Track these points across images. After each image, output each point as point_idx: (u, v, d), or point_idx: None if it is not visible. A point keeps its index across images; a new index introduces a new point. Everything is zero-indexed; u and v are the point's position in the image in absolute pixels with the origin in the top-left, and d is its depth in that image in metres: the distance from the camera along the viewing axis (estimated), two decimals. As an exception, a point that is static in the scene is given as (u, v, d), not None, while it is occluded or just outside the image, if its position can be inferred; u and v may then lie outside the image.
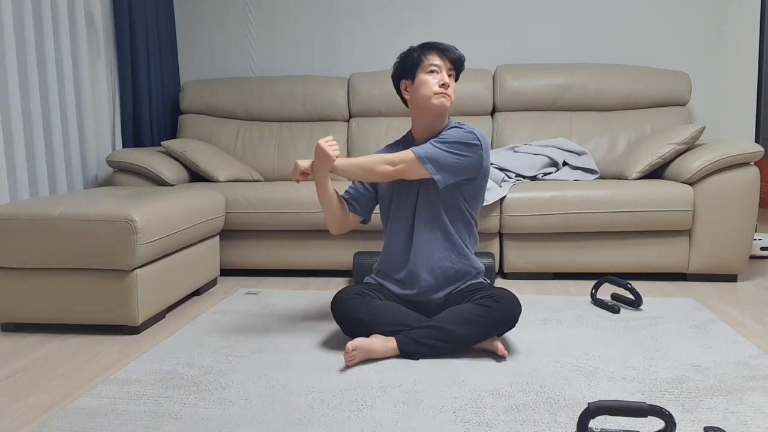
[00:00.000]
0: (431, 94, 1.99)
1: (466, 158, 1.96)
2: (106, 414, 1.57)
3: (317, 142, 1.95)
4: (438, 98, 1.99)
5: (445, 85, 1.99)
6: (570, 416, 1.52)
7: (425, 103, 2.00)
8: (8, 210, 2.20)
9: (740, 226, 2.79)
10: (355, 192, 2.20)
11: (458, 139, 1.96)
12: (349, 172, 1.99)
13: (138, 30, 3.46)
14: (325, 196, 2.07)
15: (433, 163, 1.94)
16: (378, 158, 1.99)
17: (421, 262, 2.05)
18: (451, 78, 2.03)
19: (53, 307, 2.22)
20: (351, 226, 2.22)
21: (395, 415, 1.54)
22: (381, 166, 1.97)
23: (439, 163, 1.95)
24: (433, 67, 2.00)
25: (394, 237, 2.11)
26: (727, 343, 2.02)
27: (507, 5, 3.78)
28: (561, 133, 3.45)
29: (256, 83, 3.76)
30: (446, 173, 1.95)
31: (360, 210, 2.19)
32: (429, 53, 2.02)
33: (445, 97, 1.99)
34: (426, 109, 2.02)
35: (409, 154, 1.96)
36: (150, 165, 3.09)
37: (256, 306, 2.54)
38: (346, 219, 2.17)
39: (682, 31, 3.68)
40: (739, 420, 1.49)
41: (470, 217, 2.08)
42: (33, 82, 2.78)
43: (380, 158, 1.99)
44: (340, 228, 2.18)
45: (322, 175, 2.00)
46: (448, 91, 2.00)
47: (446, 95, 1.99)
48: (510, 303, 1.92)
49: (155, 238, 2.24)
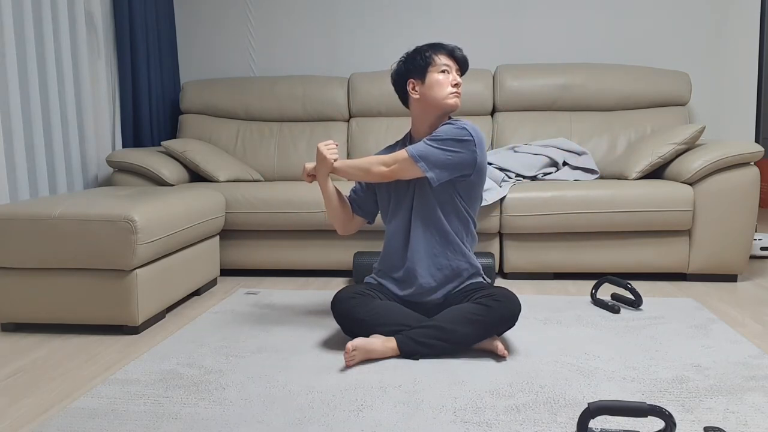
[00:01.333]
0: (446, 94, 2.01)
1: (458, 154, 1.96)
2: (106, 414, 1.57)
3: (317, 145, 2.04)
4: (452, 98, 2.02)
5: (458, 84, 2.03)
6: (570, 416, 1.52)
7: (438, 103, 2.02)
8: (8, 210, 2.20)
9: (740, 226, 2.79)
10: (356, 194, 2.24)
11: (450, 135, 1.97)
12: (348, 173, 2.06)
13: (138, 30, 3.46)
14: (327, 197, 2.14)
15: (425, 161, 1.95)
16: (374, 159, 2.04)
17: (418, 259, 2.05)
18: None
19: (53, 307, 2.22)
20: (357, 227, 2.27)
21: (395, 415, 1.54)
22: (376, 167, 2.02)
23: (431, 161, 1.95)
24: (444, 67, 2.02)
25: (392, 236, 2.12)
26: (727, 343, 2.02)
27: (507, 5, 3.78)
28: (561, 133, 3.45)
29: (256, 83, 3.76)
30: (439, 170, 1.96)
31: (362, 211, 2.23)
32: (439, 53, 2.04)
33: (459, 97, 2.04)
34: (438, 108, 2.04)
35: (402, 154, 1.99)
36: (150, 165, 3.09)
37: (256, 306, 2.54)
38: (350, 220, 2.23)
39: (682, 31, 3.68)
40: (739, 420, 1.49)
41: (467, 214, 2.08)
42: (33, 82, 2.78)
43: (376, 159, 2.04)
44: (344, 228, 2.24)
45: (322, 177, 2.08)
46: (460, 90, 2.04)
47: (459, 95, 2.04)
48: (510, 302, 1.93)
49: (155, 238, 2.24)
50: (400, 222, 2.09)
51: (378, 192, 2.18)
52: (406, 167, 1.98)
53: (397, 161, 1.99)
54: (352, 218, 2.23)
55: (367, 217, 2.25)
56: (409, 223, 2.07)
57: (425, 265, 2.05)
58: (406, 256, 2.07)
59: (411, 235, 2.06)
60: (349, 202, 2.23)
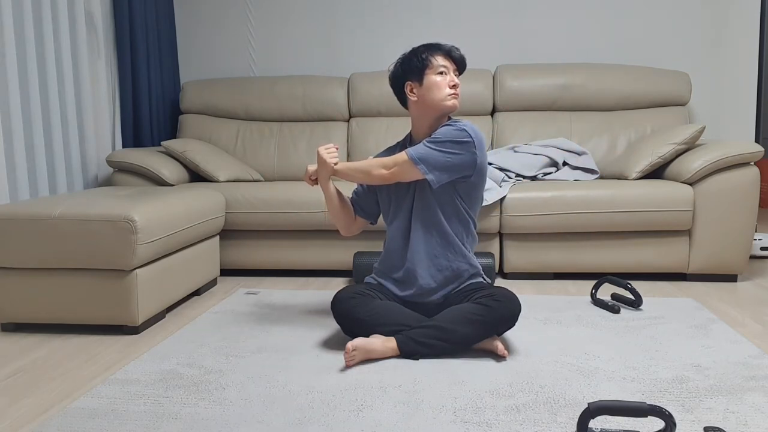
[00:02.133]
0: (444, 96, 2.00)
1: (458, 156, 1.95)
2: (106, 414, 1.57)
3: (317, 149, 2.05)
4: (451, 99, 2.01)
5: (456, 86, 2.01)
6: (570, 416, 1.52)
7: (437, 105, 2.01)
8: (8, 210, 2.20)
9: (740, 226, 2.79)
10: (357, 195, 2.25)
11: (449, 137, 1.96)
12: (349, 175, 2.07)
13: (138, 30, 3.47)
14: (328, 199, 2.14)
15: (425, 163, 1.95)
16: (374, 162, 2.04)
17: (418, 260, 2.05)
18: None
19: (53, 307, 2.22)
20: (360, 228, 2.28)
21: (395, 415, 1.54)
22: (377, 170, 2.02)
23: (431, 163, 1.95)
24: (441, 68, 2.01)
25: (393, 237, 2.12)
26: (727, 343, 2.02)
27: (507, 5, 3.78)
28: (561, 133, 3.45)
29: (256, 83, 3.76)
30: (439, 172, 1.96)
31: (364, 212, 2.24)
32: (436, 54, 2.02)
33: (457, 98, 2.02)
34: (436, 109, 2.02)
35: (403, 156, 1.98)
36: (150, 165, 3.09)
37: (256, 306, 2.54)
38: (352, 221, 2.24)
39: (682, 31, 3.68)
40: (739, 420, 1.49)
41: (467, 215, 2.07)
42: (33, 82, 2.78)
43: (376, 162, 2.03)
44: (347, 230, 2.24)
45: (324, 180, 2.09)
46: (458, 91, 2.02)
47: (457, 96, 2.02)
48: (510, 302, 1.92)
49: (155, 238, 2.24)
50: (401, 223, 2.09)
51: (379, 193, 2.18)
52: (406, 170, 1.98)
53: (397, 164, 1.98)
54: (355, 219, 2.24)
55: (369, 218, 2.25)
56: (410, 224, 2.07)
57: (425, 266, 2.05)
58: (406, 257, 2.07)
59: (411, 236, 2.06)
60: (351, 204, 2.23)
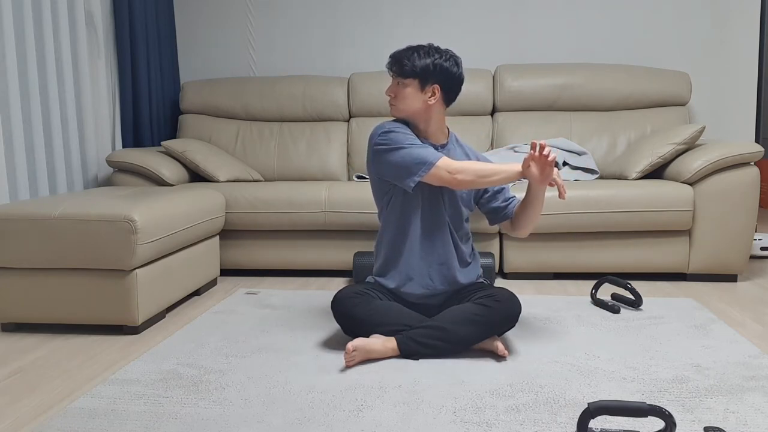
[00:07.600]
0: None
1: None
2: (106, 414, 1.57)
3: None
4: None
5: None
6: (570, 416, 1.52)
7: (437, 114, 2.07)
8: (8, 210, 2.20)
9: (740, 226, 2.79)
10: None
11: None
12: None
13: (138, 30, 3.46)
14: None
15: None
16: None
17: (419, 261, 2.05)
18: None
19: (53, 307, 2.22)
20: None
21: (395, 415, 1.54)
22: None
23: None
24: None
25: (393, 237, 2.10)
26: (727, 343, 2.02)
27: (507, 5, 3.78)
28: (561, 133, 3.45)
29: (256, 83, 3.76)
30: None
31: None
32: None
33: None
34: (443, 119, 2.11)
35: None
36: (150, 165, 3.09)
37: (256, 306, 2.54)
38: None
39: (682, 31, 3.68)
40: (739, 420, 1.49)
41: (467, 218, 2.12)
42: (33, 82, 2.78)
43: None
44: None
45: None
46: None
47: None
48: (510, 302, 1.93)
49: (155, 238, 2.24)
50: (404, 223, 2.07)
51: (381, 191, 2.12)
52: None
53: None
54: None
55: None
56: (417, 227, 2.05)
57: (426, 267, 2.05)
58: (406, 258, 2.07)
59: (412, 237, 2.06)
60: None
